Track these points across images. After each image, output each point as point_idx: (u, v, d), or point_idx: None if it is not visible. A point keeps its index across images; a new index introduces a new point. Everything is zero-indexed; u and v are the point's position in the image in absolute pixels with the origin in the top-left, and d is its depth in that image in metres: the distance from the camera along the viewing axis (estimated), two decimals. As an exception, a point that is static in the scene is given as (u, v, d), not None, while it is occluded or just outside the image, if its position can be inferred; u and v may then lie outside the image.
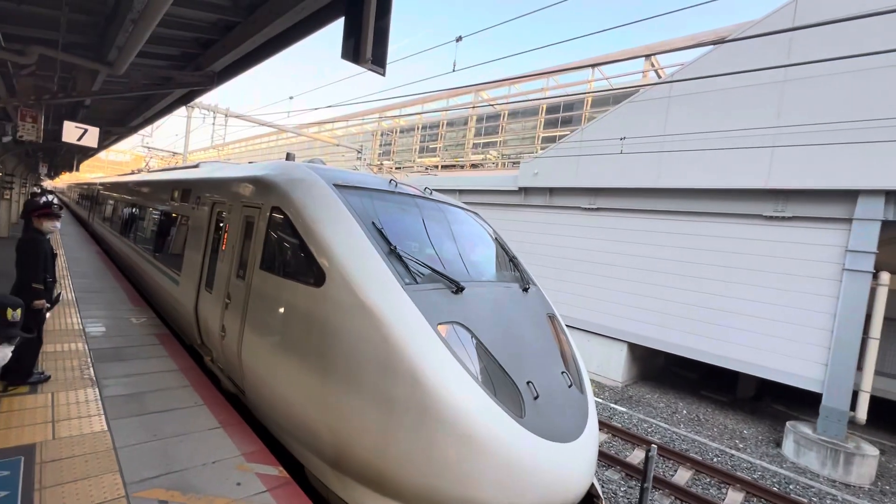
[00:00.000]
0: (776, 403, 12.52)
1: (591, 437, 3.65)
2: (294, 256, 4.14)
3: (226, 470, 3.36)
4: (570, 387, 3.89)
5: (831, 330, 9.23)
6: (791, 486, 7.83)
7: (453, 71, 5.38)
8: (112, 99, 6.70)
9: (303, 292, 3.83)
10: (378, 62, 2.15)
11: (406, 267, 3.76)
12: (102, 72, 4.89)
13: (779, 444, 9.61)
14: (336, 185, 4.33)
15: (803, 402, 10.94)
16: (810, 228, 9.69)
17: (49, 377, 4.49)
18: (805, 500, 7.33)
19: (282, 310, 4.03)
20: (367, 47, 2.04)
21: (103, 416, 3.90)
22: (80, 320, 6.56)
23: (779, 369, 9.94)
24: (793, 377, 9.74)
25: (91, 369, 4.90)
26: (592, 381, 12.73)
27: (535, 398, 3.41)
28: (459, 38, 5.06)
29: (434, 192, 5.53)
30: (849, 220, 9.14)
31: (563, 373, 3.94)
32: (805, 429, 9.28)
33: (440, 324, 3.43)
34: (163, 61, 5.74)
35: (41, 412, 3.86)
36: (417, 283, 3.68)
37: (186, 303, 6.00)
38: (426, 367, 3.10)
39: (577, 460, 3.34)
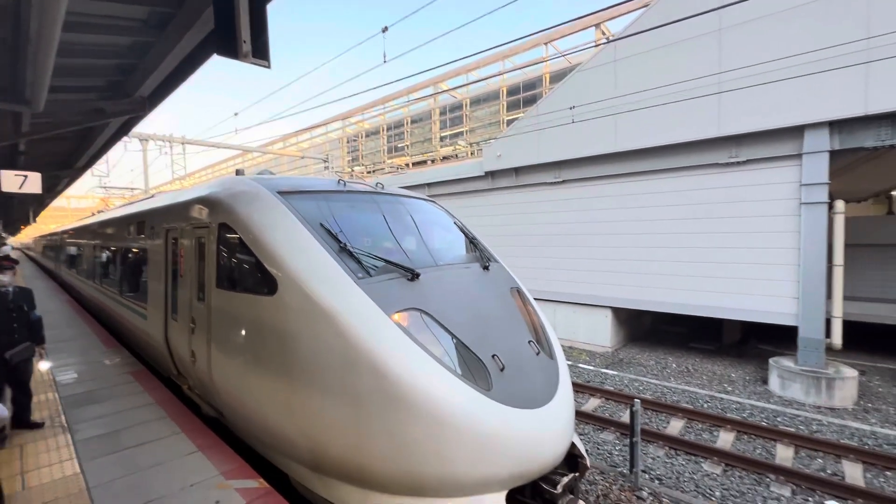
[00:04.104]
0: (762, 344, 12.90)
1: (563, 400, 3.71)
2: (246, 269, 4.10)
3: (205, 490, 3.34)
4: (538, 354, 3.94)
5: (798, 264, 9.53)
6: (779, 419, 8.10)
7: (384, 62, 5.35)
8: (46, 139, 6.49)
9: (259, 303, 3.80)
10: (260, 54, 2.09)
11: (358, 262, 3.76)
12: (25, 112, 4.75)
13: (765, 382, 9.92)
14: (280, 192, 4.29)
15: (787, 339, 11.26)
16: (765, 169, 9.95)
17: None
18: (792, 429, 7.59)
19: (242, 325, 4.00)
20: (244, 40, 1.97)
21: (76, 460, 3.82)
22: (49, 371, 6.38)
23: (755, 309, 10.23)
24: (769, 315, 10.04)
25: (62, 416, 4.79)
26: (583, 350, 12.92)
27: (502, 370, 3.45)
28: (385, 29, 5.03)
29: (387, 186, 5.51)
30: (799, 156, 9.41)
31: (530, 342, 4.00)
32: (787, 362, 9.59)
33: (398, 311, 3.45)
34: (90, 94, 5.59)
35: (7, 466, 3.76)
36: (371, 276, 3.69)
37: (156, 335, 5.90)
38: (385, 355, 3.12)
39: (549, 423, 3.40)
